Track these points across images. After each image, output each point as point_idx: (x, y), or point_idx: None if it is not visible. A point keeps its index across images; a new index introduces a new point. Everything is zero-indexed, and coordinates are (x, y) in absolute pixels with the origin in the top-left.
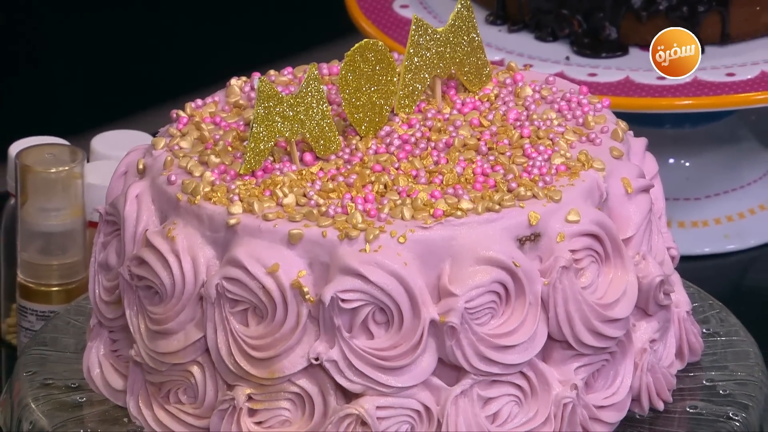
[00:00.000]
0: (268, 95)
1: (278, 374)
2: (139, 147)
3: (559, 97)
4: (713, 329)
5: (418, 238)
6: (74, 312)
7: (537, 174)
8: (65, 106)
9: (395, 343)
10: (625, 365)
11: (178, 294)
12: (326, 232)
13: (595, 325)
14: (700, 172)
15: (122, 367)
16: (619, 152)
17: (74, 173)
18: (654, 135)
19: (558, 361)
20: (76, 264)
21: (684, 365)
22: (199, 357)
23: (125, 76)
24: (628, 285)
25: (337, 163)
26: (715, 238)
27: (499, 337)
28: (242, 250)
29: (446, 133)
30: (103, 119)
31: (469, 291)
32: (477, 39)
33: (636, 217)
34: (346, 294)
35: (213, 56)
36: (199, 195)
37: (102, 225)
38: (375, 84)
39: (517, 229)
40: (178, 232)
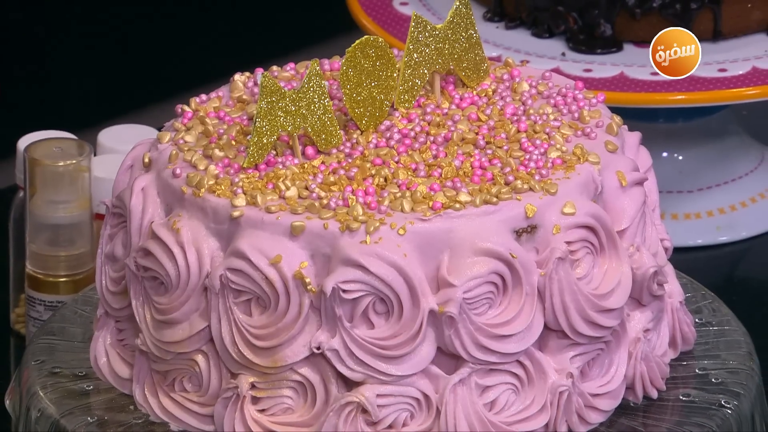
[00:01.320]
0: (271, 90)
1: (281, 363)
2: (144, 141)
3: (555, 92)
4: (705, 319)
5: (418, 230)
6: (81, 302)
7: (533, 167)
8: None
9: (395, 332)
10: (619, 354)
11: (183, 285)
12: (328, 224)
13: (591, 315)
14: (693, 166)
15: (128, 356)
16: (613, 146)
17: (81, 167)
18: (648, 129)
19: (554, 350)
20: (83, 255)
21: (677, 354)
22: (203, 346)
23: (131, 71)
24: (622, 276)
25: (338, 156)
26: (707, 230)
27: (496, 326)
28: (245, 241)
29: (445, 128)
30: (110, 114)
31: (468, 282)
32: (475, 36)
33: (630, 209)
34: (347, 285)
35: (217, 53)
36: (204, 188)
37: (108, 217)
38: (375, 79)
39: (514, 221)
40: (183, 224)
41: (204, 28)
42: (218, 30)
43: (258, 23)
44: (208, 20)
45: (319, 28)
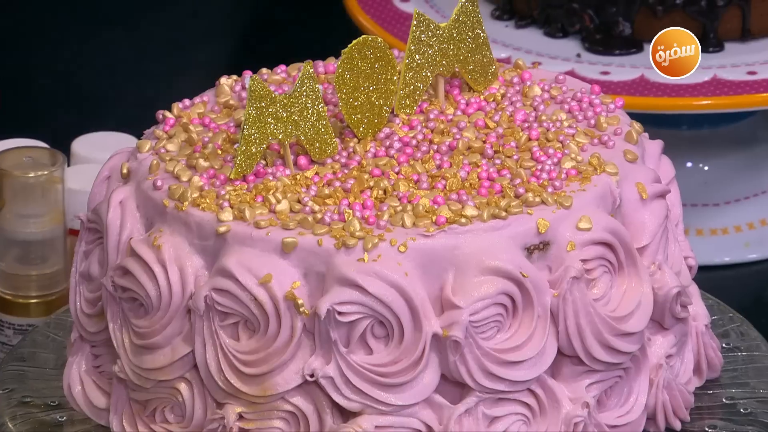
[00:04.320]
0: (260, 95)
1: (271, 391)
2: (123, 150)
3: (569, 97)
4: (733, 344)
5: (420, 247)
6: (54, 325)
7: (546, 179)
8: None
9: (395, 358)
10: (639, 382)
11: (164, 306)
12: (322, 241)
13: (608, 340)
14: (720, 177)
15: (105, 384)
16: (633, 155)
17: (54, 177)
18: (670, 137)
19: (568, 377)
20: (56, 274)
21: (702, 382)
22: (186, 373)
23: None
24: (642, 297)
25: (333, 167)
26: (735, 247)
27: (505, 352)
28: (233, 259)
29: (449, 136)
30: (85, 120)
31: (474, 303)
32: (482, 35)
33: (651, 224)
34: (343, 306)
35: (201, 53)
36: (187, 201)
37: (83, 233)
38: (374, 83)
39: (524, 237)
40: (165, 240)
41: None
42: (202, 29)
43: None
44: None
45: (313, 26)
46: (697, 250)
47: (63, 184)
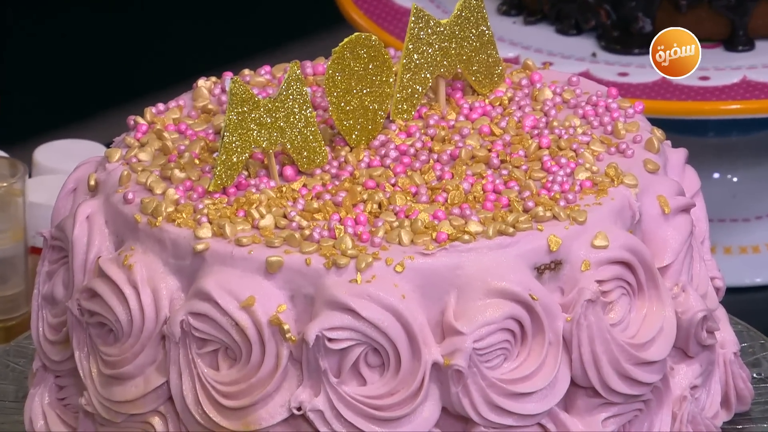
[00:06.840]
0: (242, 99)
1: (254, 426)
2: (90, 159)
3: (583, 101)
4: (765, 373)
5: (419, 267)
6: (14, 353)
7: (558, 191)
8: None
9: (391, 389)
10: (661, 416)
11: (136, 332)
12: (310, 260)
13: (626, 369)
14: (750, 189)
15: (71, 419)
16: (654, 165)
17: (14, 190)
18: (695, 145)
19: (582, 410)
20: (16, 297)
21: (731, 416)
22: (160, 406)
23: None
24: (664, 322)
25: (323, 178)
26: (766, 267)
27: (513, 382)
28: (211, 280)
29: (451, 143)
30: (48, 127)
31: (478, 329)
32: (487, 32)
33: (674, 241)
34: (333, 332)
35: (177, 52)
36: (161, 216)
37: (47, 251)
38: (368, 85)
39: (534, 255)
40: (137, 259)
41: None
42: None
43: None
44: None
45: (301, 23)
46: (724, 269)
47: (24, 197)
